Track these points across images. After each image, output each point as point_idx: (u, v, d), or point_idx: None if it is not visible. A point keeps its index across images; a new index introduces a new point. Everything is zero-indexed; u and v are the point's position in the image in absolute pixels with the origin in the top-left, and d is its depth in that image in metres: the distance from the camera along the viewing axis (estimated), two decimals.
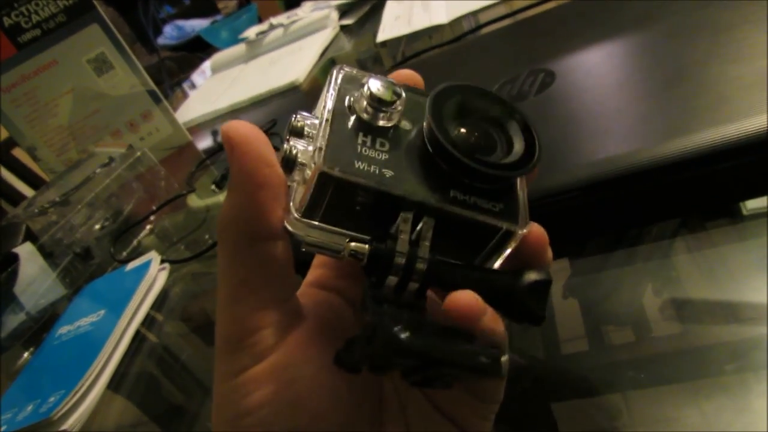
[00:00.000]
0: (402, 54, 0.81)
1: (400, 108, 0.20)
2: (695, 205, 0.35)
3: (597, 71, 0.41)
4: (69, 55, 0.83)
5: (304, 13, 1.14)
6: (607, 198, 0.33)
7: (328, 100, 0.20)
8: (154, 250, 0.57)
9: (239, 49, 1.18)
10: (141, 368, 0.48)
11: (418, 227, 0.19)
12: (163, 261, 0.57)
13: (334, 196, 0.19)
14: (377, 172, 0.19)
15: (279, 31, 1.13)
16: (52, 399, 0.44)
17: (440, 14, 0.84)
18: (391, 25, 0.90)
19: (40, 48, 0.82)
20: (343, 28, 1.08)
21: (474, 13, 0.80)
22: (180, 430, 0.42)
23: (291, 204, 0.20)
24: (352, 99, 0.20)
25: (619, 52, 0.41)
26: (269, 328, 0.20)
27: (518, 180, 0.21)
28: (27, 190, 1.40)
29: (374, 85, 0.20)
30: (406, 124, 0.20)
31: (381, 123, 0.20)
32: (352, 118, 0.20)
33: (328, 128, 0.19)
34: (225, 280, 0.20)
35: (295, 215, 0.19)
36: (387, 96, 0.20)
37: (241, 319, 0.20)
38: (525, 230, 0.20)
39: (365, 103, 0.20)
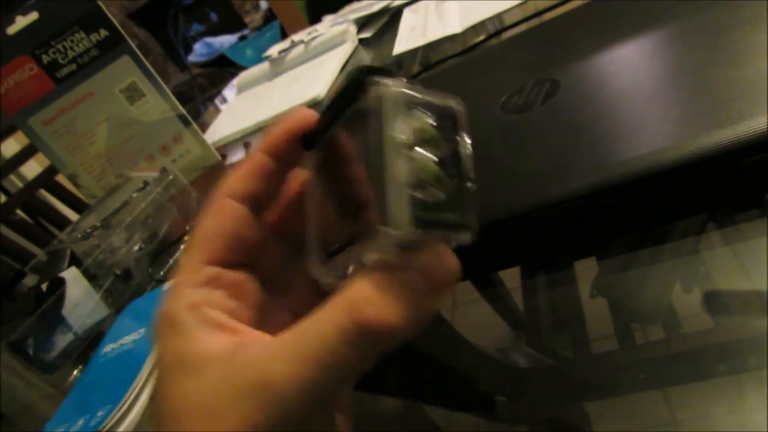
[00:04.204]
0: (419, 64, 0.83)
1: None
2: (709, 205, 0.34)
3: (600, 78, 0.41)
4: (103, 86, 0.88)
5: (323, 29, 1.17)
6: (616, 202, 0.33)
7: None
8: None
9: (263, 67, 1.22)
10: None
11: None
12: None
13: None
14: None
15: (300, 48, 1.16)
16: (100, 413, 0.47)
17: (454, 24, 0.85)
18: (407, 38, 0.92)
19: (76, 81, 0.87)
20: (361, 41, 1.10)
21: (486, 21, 0.81)
22: None
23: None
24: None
25: (621, 58, 0.42)
26: None
27: None
28: (70, 213, 1.47)
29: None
30: None
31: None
32: None
33: None
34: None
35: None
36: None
37: None
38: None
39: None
